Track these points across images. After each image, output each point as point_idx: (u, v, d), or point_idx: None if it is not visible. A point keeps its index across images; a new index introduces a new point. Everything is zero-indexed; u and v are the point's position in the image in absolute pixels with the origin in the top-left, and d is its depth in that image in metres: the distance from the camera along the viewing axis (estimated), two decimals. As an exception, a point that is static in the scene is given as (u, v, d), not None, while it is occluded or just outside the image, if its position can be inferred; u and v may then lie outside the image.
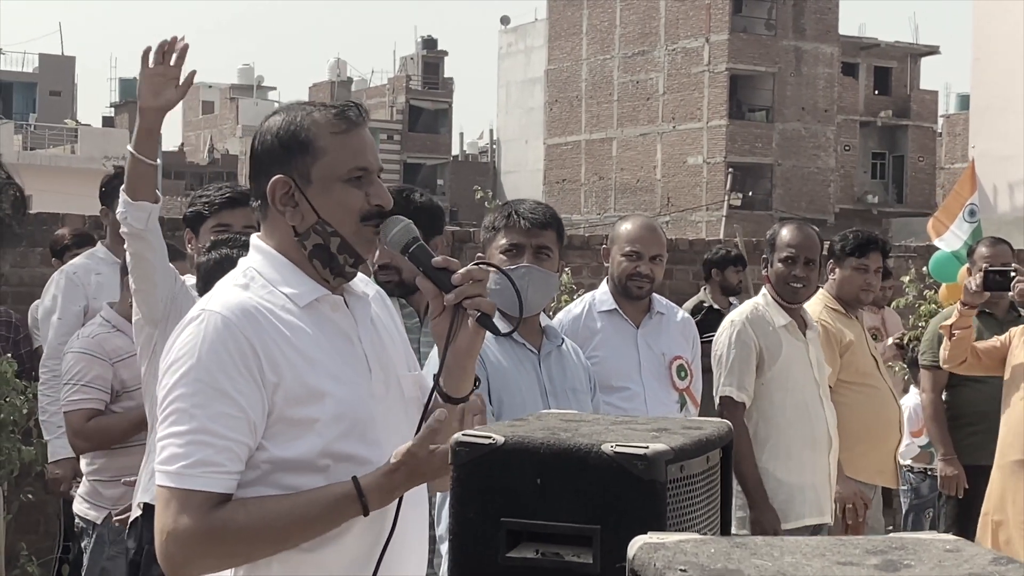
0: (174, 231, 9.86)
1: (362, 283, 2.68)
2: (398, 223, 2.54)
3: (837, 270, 6.05)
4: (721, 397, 5.43)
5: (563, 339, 4.18)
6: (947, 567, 1.13)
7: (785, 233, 5.52)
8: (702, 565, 1.13)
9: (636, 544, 1.21)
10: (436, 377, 2.52)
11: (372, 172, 2.54)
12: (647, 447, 1.84)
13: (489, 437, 1.91)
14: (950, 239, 10.05)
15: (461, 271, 2.48)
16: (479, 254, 4.11)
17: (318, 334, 2.48)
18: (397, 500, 2.44)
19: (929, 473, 7.94)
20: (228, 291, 2.50)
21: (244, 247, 2.83)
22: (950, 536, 1.27)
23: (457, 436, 1.93)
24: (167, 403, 2.40)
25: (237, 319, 2.40)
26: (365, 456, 2.45)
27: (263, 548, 2.40)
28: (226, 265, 3.49)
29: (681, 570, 1.11)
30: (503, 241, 3.98)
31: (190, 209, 4.61)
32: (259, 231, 2.63)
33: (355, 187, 2.51)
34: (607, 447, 1.85)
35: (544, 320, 4.13)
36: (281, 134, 2.53)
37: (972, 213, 9.98)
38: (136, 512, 4.49)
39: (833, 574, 1.11)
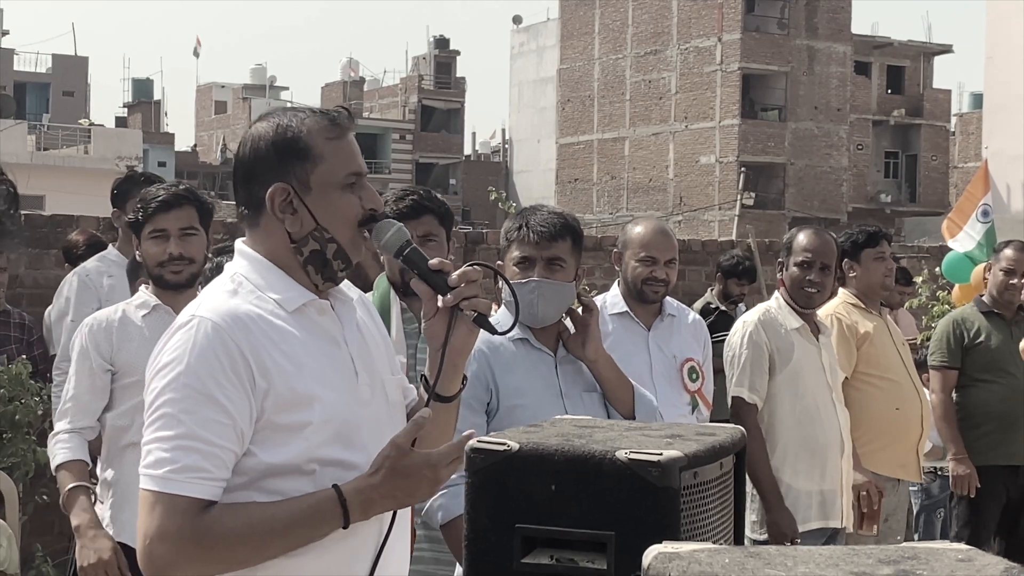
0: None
1: (345, 286, 2.67)
2: (391, 226, 2.54)
3: (856, 267, 6.06)
4: (733, 398, 5.44)
5: None
6: (960, 577, 1.14)
7: (802, 238, 5.51)
8: (717, 575, 1.14)
9: (651, 554, 1.21)
10: (435, 377, 2.54)
11: (363, 176, 2.56)
12: (661, 454, 1.84)
13: (504, 444, 1.92)
14: (963, 239, 10.03)
15: (457, 273, 2.49)
16: (498, 262, 4.11)
17: (306, 339, 2.48)
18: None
19: (939, 473, 7.93)
20: (218, 297, 2.49)
21: None
22: (962, 545, 1.28)
23: (472, 443, 1.95)
24: (155, 407, 2.39)
25: (227, 325, 2.40)
26: (351, 460, 2.44)
27: (246, 555, 2.39)
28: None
29: (696, 580, 1.12)
30: (515, 253, 3.97)
31: (129, 216, 4.60)
32: (244, 236, 2.62)
33: (351, 193, 2.52)
34: (621, 454, 1.86)
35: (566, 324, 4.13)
36: (277, 141, 2.51)
37: (985, 213, 9.95)
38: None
39: (846, 584, 1.12)
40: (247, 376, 2.38)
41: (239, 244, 2.61)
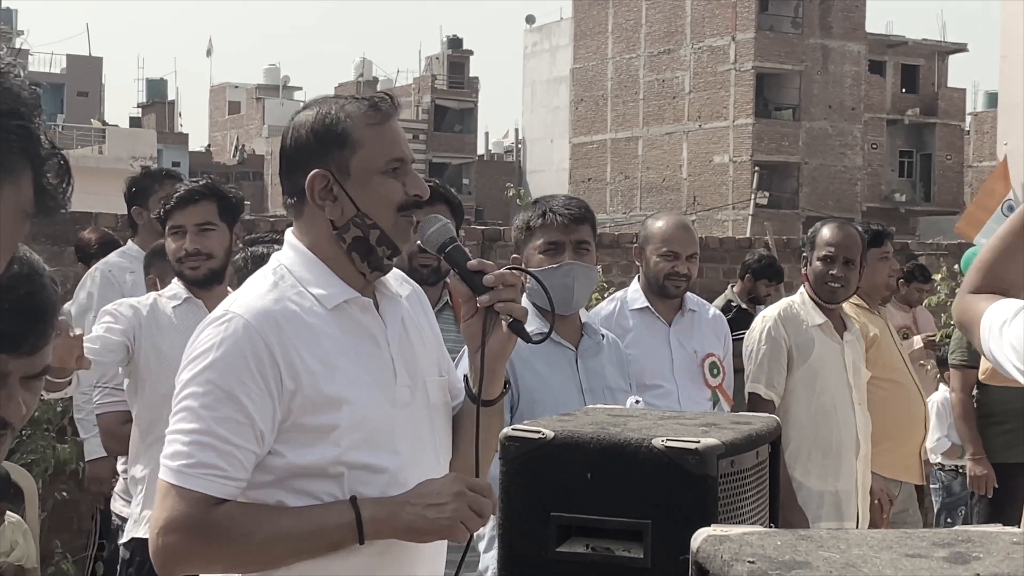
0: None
1: (396, 282, 2.65)
2: (436, 222, 2.52)
3: (862, 266, 6.03)
4: (749, 394, 5.40)
5: (604, 334, 4.17)
6: (1016, 560, 1.13)
7: (826, 232, 5.47)
8: (770, 557, 1.12)
9: (700, 536, 1.20)
10: (477, 381, 2.50)
11: (407, 162, 2.53)
12: (698, 441, 1.83)
13: (539, 432, 1.90)
14: (988, 235, 9.95)
15: (494, 274, 2.46)
16: (514, 255, 4.07)
17: (343, 338, 2.46)
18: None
19: (960, 471, 7.90)
20: (255, 292, 2.48)
21: (277, 243, 2.82)
22: (1016, 529, 1.26)
23: (507, 431, 1.93)
24: (180, 399, 2.41)
25: (259, 324, 2.39)
26: (380, 464, 2.42)
27: (252, 556, 2.38)
28: (259, 264, 3.52)
29: (749, 562, 1.10)
30: (540, 240, 3.94)
31: (154, 214, 4.74)
32: (291, 227, 2.61)
33: (392, 178, 2.49)
34: (658, 442, 1.84)
35: (584, 316, 4.10)
36: (316, 128, 2.50)
37: (1011, 208, 9.90)
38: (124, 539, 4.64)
39: (903, 566, 1.10)
40: (274, 376, 2.37)
41: (288, 234, 2.60)
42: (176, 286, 4.57)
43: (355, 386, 2.42)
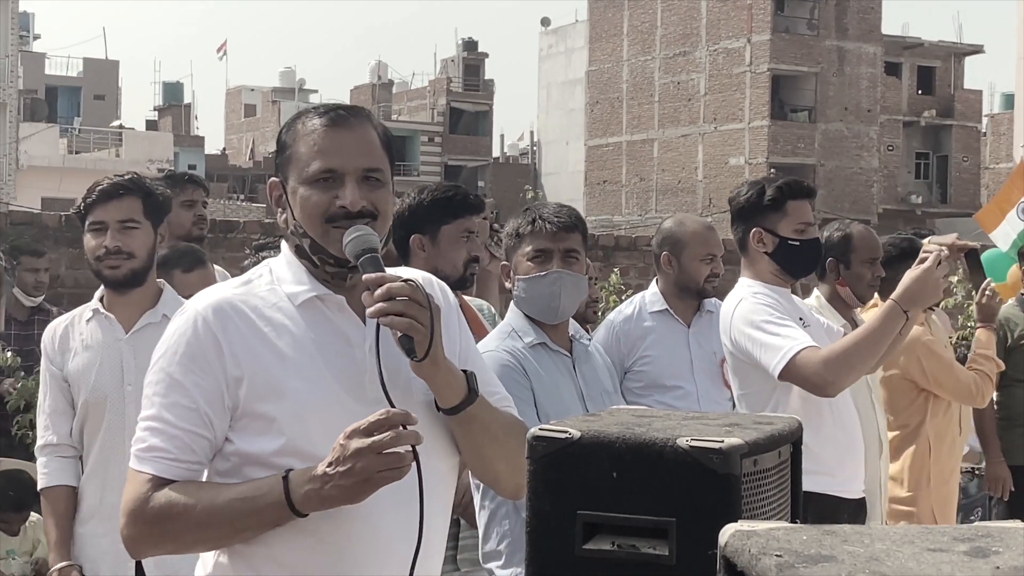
0: (225, 233, 9.95)
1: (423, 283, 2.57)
2: (355, 232, 2.46)
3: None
4: None
5: (589, 339, 4.21)
6: (1035, 554, 1.16)
7: (868, 235, 5.43)
8: (796, 551, 1.16)
9: (727, 532, 1.24)
10: (383, 388, 2.41)
11: (345, 174, 2.49)
12: (722, 441, 1.87)
13: (565, 431, 1.94)
14: (1004, 232, 9.90)
15: (382, 288, 2.39)
16: (503, 263, 4.07)
17: (306, 333, 2.48)
18: (420, 504, 2.39)
19: (977, 472, 7.91)
20: (220, 287, 2.59)
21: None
22: (1034, 525, 1.30)
23: (534, 431, 1.97)
24: (144, 391, 2.51)
25: (207, 313, 2.46)
26: None
27: (192, 533, 2.42)
28: None
29: (777, 556, 1.14)
30: (528, 248, 3.91)
31: (73, 209, 4.42)
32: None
33: (320, 189, 2.49)
34: (682, 441, 1.88)
35: (572, 327, 4.10)
36: (279, 135, 2.61)
37: None
38: None
39: (925, 560, 1.14)
40: (220, 364, 2.43)
41: (283, 241, 2.67)
42: (94, 299, 4.28)
43: (307, 379, 2.44)
